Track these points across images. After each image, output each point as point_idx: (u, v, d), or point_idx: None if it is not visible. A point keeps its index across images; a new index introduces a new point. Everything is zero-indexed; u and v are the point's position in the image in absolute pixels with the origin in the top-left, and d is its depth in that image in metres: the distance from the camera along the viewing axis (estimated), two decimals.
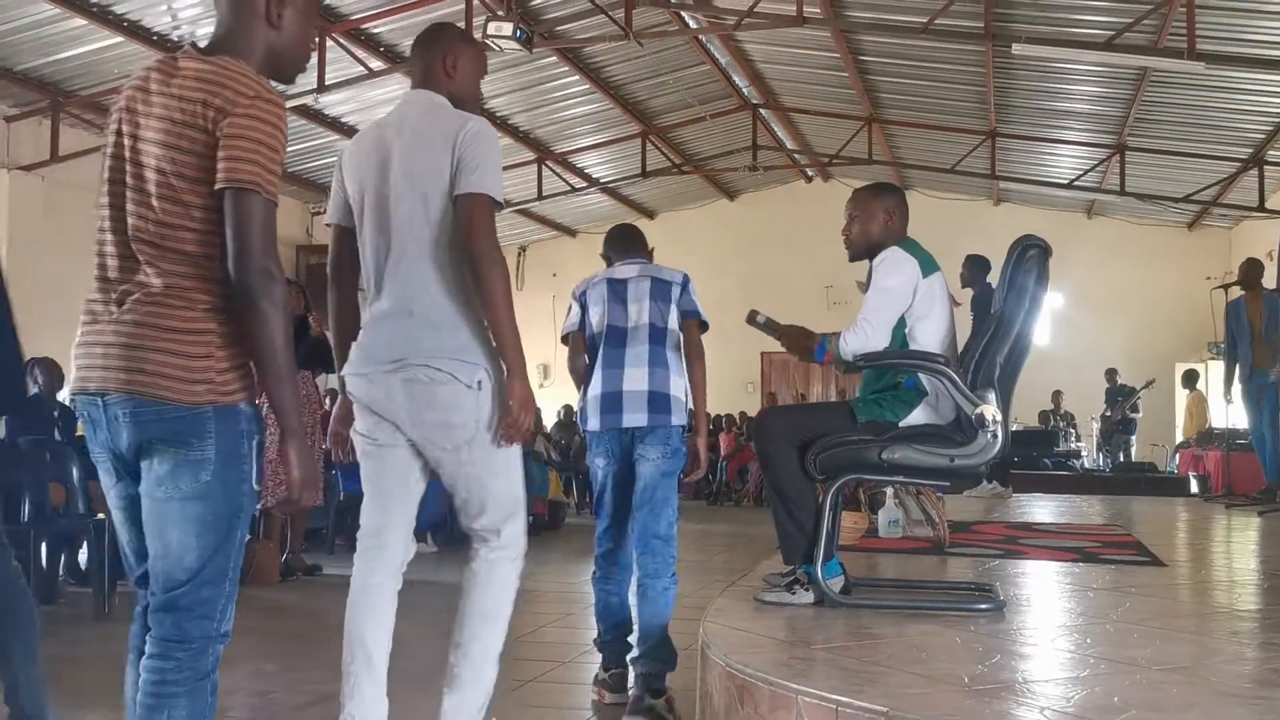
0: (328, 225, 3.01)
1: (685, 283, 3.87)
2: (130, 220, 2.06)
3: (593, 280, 3.93)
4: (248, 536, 2.18)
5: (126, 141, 2.10)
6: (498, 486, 2.83)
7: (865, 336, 3.36)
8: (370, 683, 2.79)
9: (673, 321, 3.79)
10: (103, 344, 2.04)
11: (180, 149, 2.02)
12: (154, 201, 2.03)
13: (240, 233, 1.98)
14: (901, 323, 3.41)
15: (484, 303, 2.71)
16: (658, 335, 3.76)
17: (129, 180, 2.08)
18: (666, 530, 3.76)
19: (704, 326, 3.90)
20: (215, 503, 2.04)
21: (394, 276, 2.76)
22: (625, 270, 3.89)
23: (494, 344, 2.75)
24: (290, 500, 2.12)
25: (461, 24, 10.04)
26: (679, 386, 3.76)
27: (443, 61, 2.93)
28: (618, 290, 3.83)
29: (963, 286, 7.54)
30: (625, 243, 4.04)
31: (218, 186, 1.99)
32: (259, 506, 7.27)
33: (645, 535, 3.76)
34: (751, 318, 3.60)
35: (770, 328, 3.58)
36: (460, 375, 2.71)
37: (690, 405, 3.80)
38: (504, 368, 2.75)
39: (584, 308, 3.90)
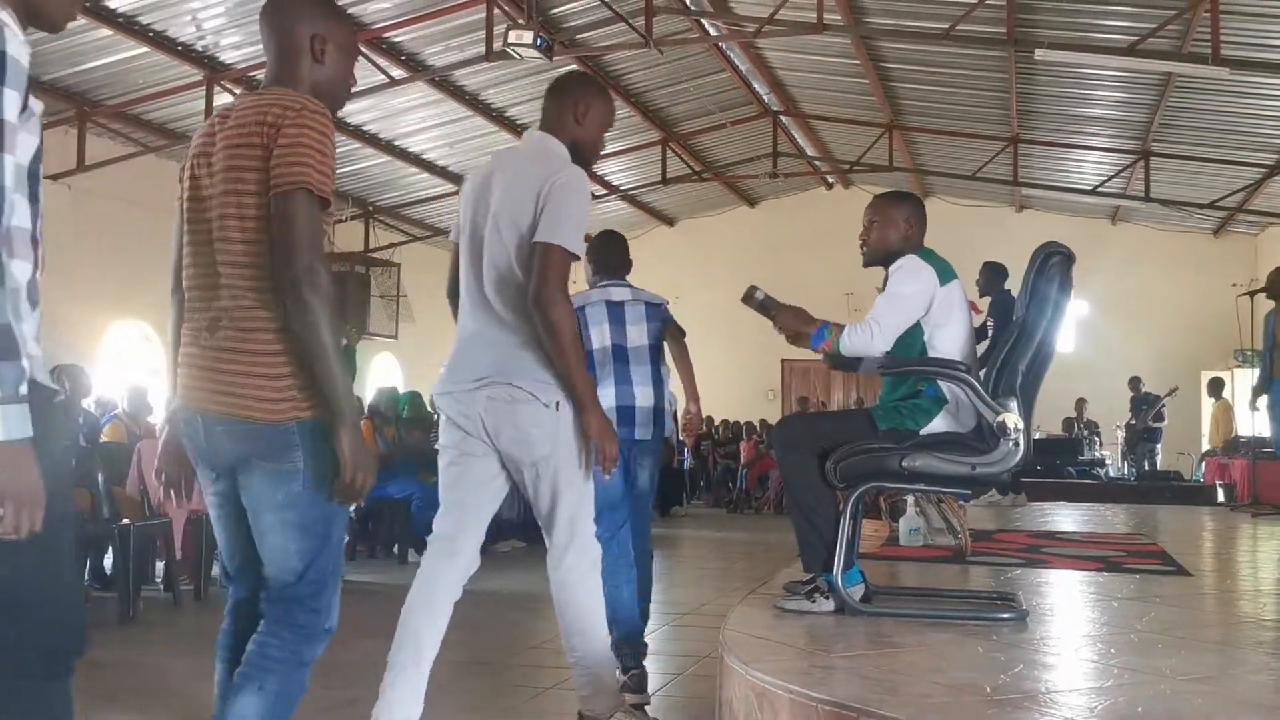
0: (452, 242, 3.20)
1: (667, 306, 4.27)
2: (214, 247, 2.21)
3: (589, 298, 4.11)
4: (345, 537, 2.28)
5: (203, 179, 2.26)
6: (570, 499, 3.02)
7: (869, 338, 3.35)
8: (415, 676, 2.93)
9: (657, 340, 4.18)
10: (198, 367, 2.22)
11: (244, 168, 2.16)
12: (230, 224, 2.18)
13: (286, 230, 2.10)
14: (920, 330, 3.40)
15: (552, 350, 2.87)
16: (654, 355, 4.13)
17: (207, 211, 2.23)
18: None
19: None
20: (309, 510, 2.19)
21: (481, 304, 2.97)
22: (619, 293, 4.15)
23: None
24: (344, 485, 2.16)
25: (482, 32, 10.11)
26: (667, 401, 4.20)
27: (575, 108, 3.09)
28: (616, 313, 4.11)
29: (980, 295, 7.50)
30: (611, 262, 4.26)
31: (272, 191, 2.12)
32: None
33: (638, 536, 4.04)
34: (749, 295, 3.56)
35: (767, 305, 3.54)
36: (539, 394, 2.91)
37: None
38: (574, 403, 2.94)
39: (583, 325, 4.02)
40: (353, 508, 2.38)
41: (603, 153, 3.49)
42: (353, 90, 2.44)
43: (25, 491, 1.63)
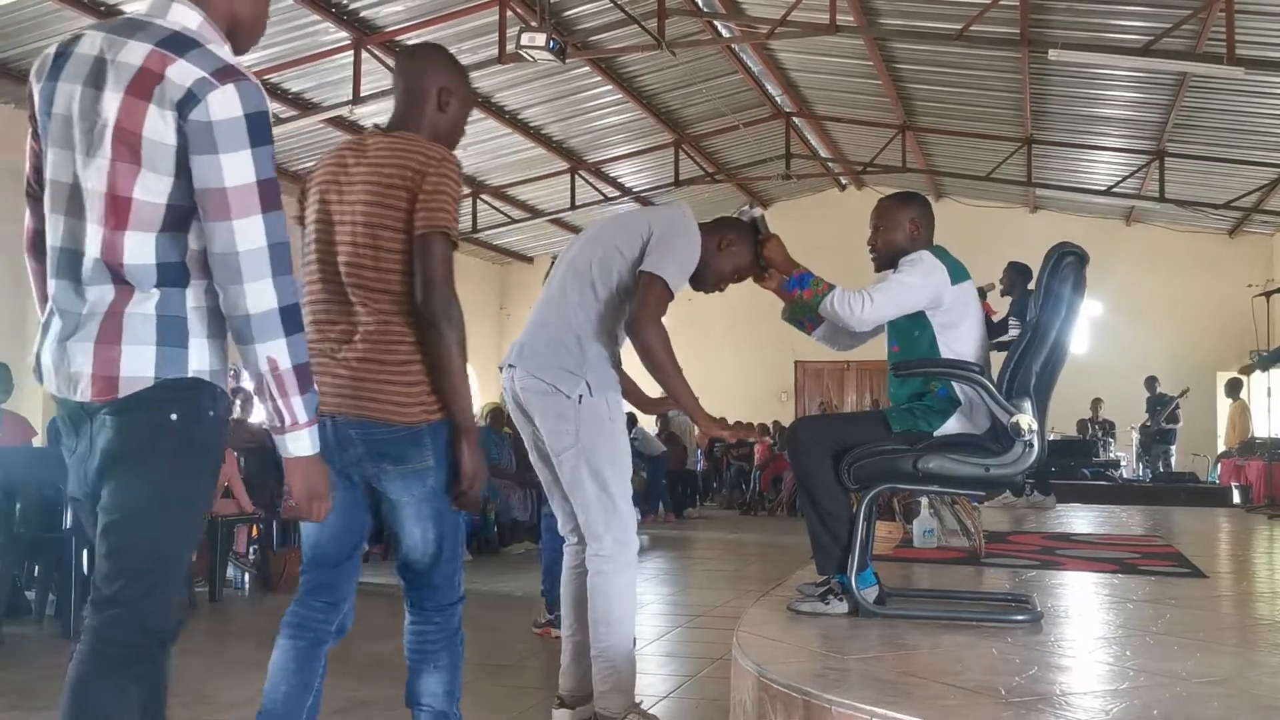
0: None
1: None
2: (342, 270, 2.44)
3: None
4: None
5: (333, 207, 2.48)
6: (595, 491, 3.15)
7: (859, 308, 3.35)
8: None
9: None
10: (332, 376, 2.44)
11: (387, 205, 2.40)
12: (364, 251, 2.42)
13: (428, 268, 2.37)
14: (927, 329, 3.39)
15: (650, 370, 3.19)
16: None
17: (338, 237, 2.45)
18: None
19: None
20: (442, 503, 2.46)
21: (550, 299, 3.30)
22: None
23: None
24: (463, 493, 2.44)
25: (495, 35, 10.13)
26: None
27: None
28: None
29: (1002, 294, 7.47)
30: None
31: (418, 232, 2.37)
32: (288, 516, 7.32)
33: None
34: (749, 207, 3.58)
35: (759, 226, 3.52)
36: (561, 386, 3.12)
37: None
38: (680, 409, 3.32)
39: None
40: None
41: (616, 155, 3.63)
42: (463, 135, 2.72)
43: (321, 491, 2.03)
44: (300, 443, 1.97)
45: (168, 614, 1.93)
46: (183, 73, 1.81)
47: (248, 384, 10.13)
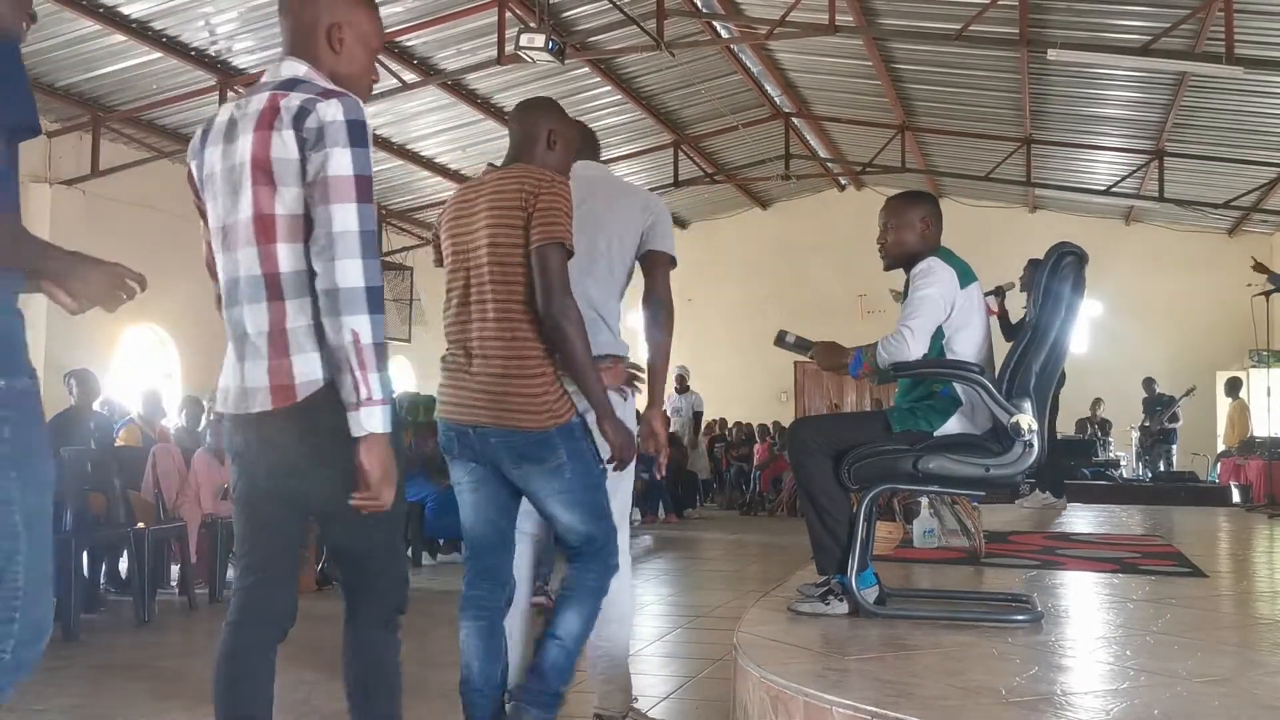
0: None
1: None
2: (473, 290, 2.76)
3: None
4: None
5: (461, 237, 2.82)
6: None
7: (906, 345, 3.33)
8: None
9: None
10: (469, 389, 2.77)
11: (510, 225, 2.71)
12: (493, 269, 2.72)
13: (546, 275, 2.68)
14: (940, 333, 3.39)
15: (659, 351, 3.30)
16: None
17: (470, 262, 2.78)
18: None
19: None
20: (580, 491, 2.80)
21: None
22: None
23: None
24: (614, 460, 2.84)
25: (494, 36, 10.13)
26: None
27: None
28: None
29: (1021, 290, 7.46)
30: None
31: (535, 245, 2.67)
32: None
33: None
34: (780, 338, 3.60)
35: (800, 346, 3.57)
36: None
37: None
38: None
39: None
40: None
41: (615, 155, 3.63)
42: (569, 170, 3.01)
43: (392, 472, 2.11)
44: (374, 419, 2.07)
45: (403, 588, 2.35)
46: (294, 99, 2.13)
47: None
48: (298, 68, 2.23)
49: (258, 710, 2.25)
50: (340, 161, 2.07)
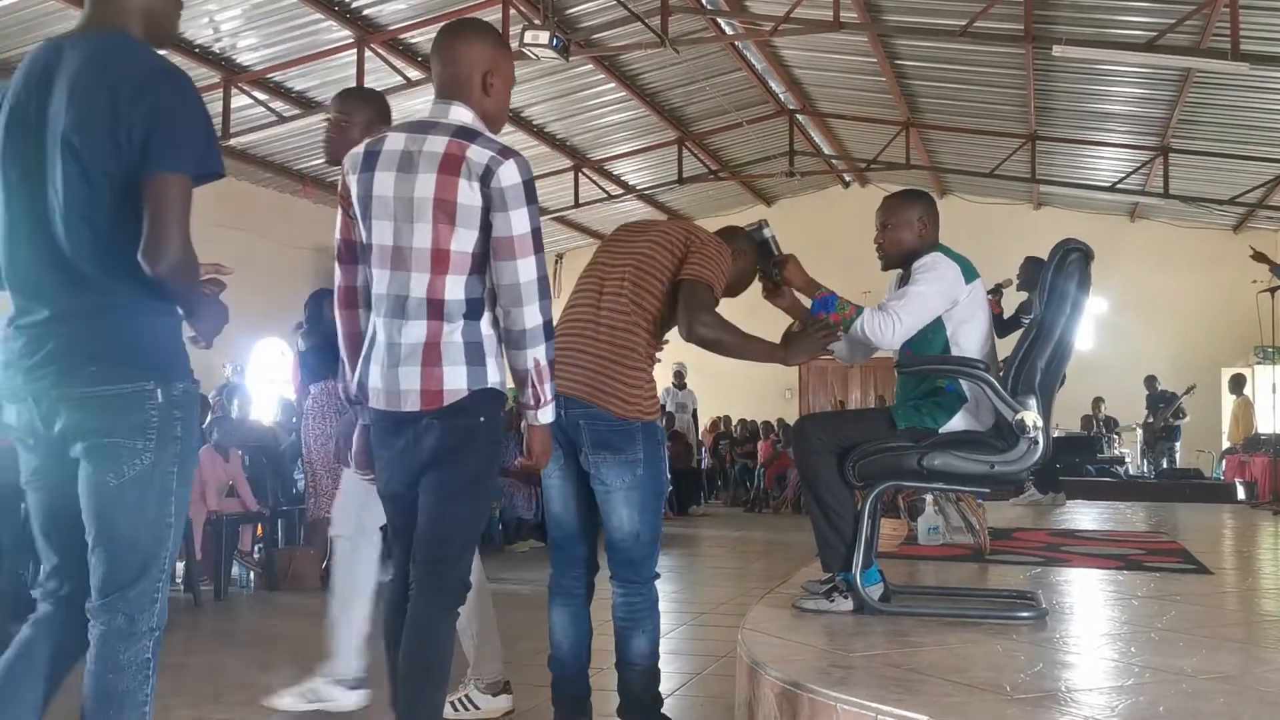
0: None
1: None
2: (606, 300, 3.04)
3: None
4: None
5: (606, 266, 3.12)
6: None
7: (890, 330, 3.32)
8: None
9: None
10: (577, 366, 2.95)
11: (658, 261, 3.05)
12: (632, 289, 3.03)
13: (691, 304, 2.98)
14: (942, 328, 3.39)
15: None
16: None
17: (610, 282, 3.06)
18: None
19: None
20: (646, 492, 2.96)
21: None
22: None
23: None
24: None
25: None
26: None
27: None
28: None
29: (1017, 289, 7.46)
30: None
31: (683, 278, 3.01)
32: (310, 516, 7.34)
33: None
34: (757, 227, 3.45)
35: (768, 249, 3.44)
36: None
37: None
38: None
39: None
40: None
41: (619, 153, 3.69)
42: None
43: (550, 449, 2.66)
44: (545, 415, 2.57)
45: (469, 570, 2.58)
46: (479, 154, 2.45)
47: (250, 384, 10.14)
48: (464, 114, 2.57)
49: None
50: (521, 221, 2.45)
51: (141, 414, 2.06)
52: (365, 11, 10.12)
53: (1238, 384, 13.90)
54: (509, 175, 2.44)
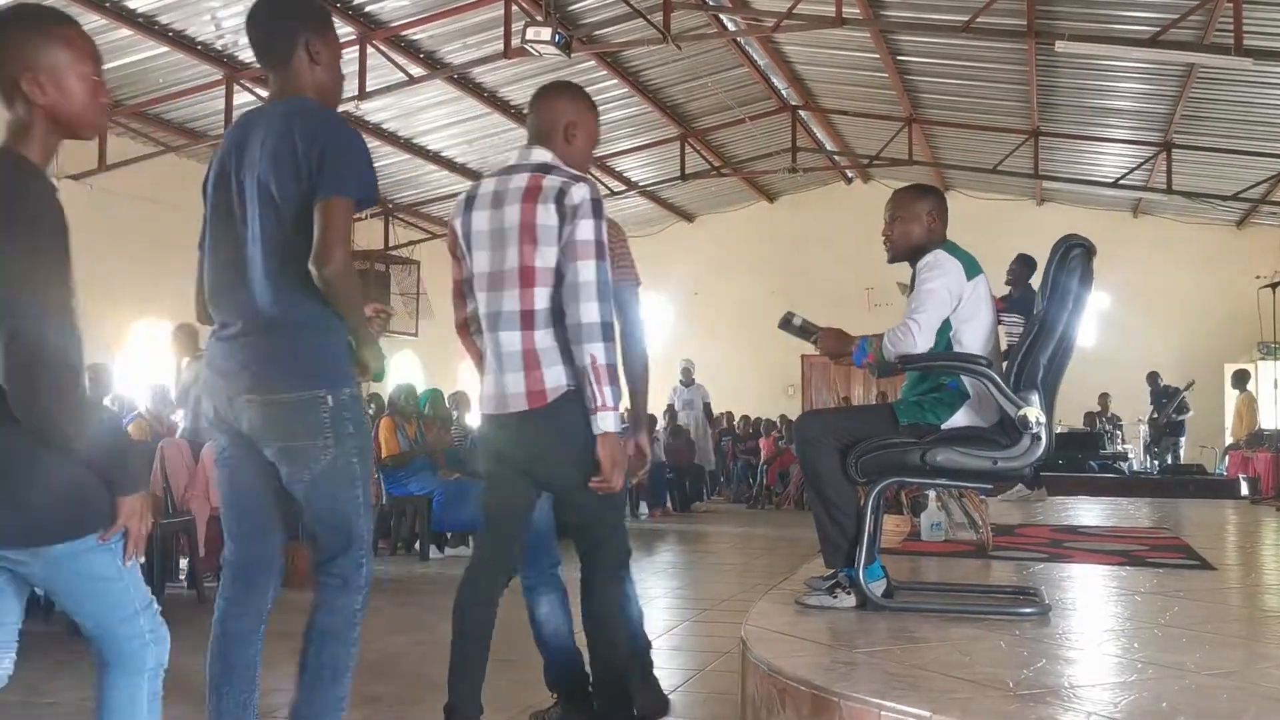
0: None
1: None
2: None
3: None
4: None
5: None
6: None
7: (912, 338, 3.32)
8: None
9: None
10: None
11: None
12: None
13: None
14: (947, 325, 3.38)
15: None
16: None
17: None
18: None
19: None
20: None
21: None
22: None
23: None
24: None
25: (500, 29, 10.13)
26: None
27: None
28: None
29: (1005, 283, 7.46)
30: None
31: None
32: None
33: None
34: (786, 320, 3.59)
35: (806, 330, 3.57)
36: None
37: None
38: None
39: None
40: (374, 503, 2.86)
41: (621, 149, 3.68)
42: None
43: (621, 462, 2.79)
44: (607, 421, 2.74)
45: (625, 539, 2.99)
46: (552, 181, 2.82)
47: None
48: (545, 155, 2.94)
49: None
50: (586, 230, 2.76)
51: (316, 416, 2.48)
52: (368, 8, 10.12)
53: (1241, 379, 13.89)
54: (579, 194, 2.80)
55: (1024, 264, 7.69)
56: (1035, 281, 7.59)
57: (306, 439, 2.49)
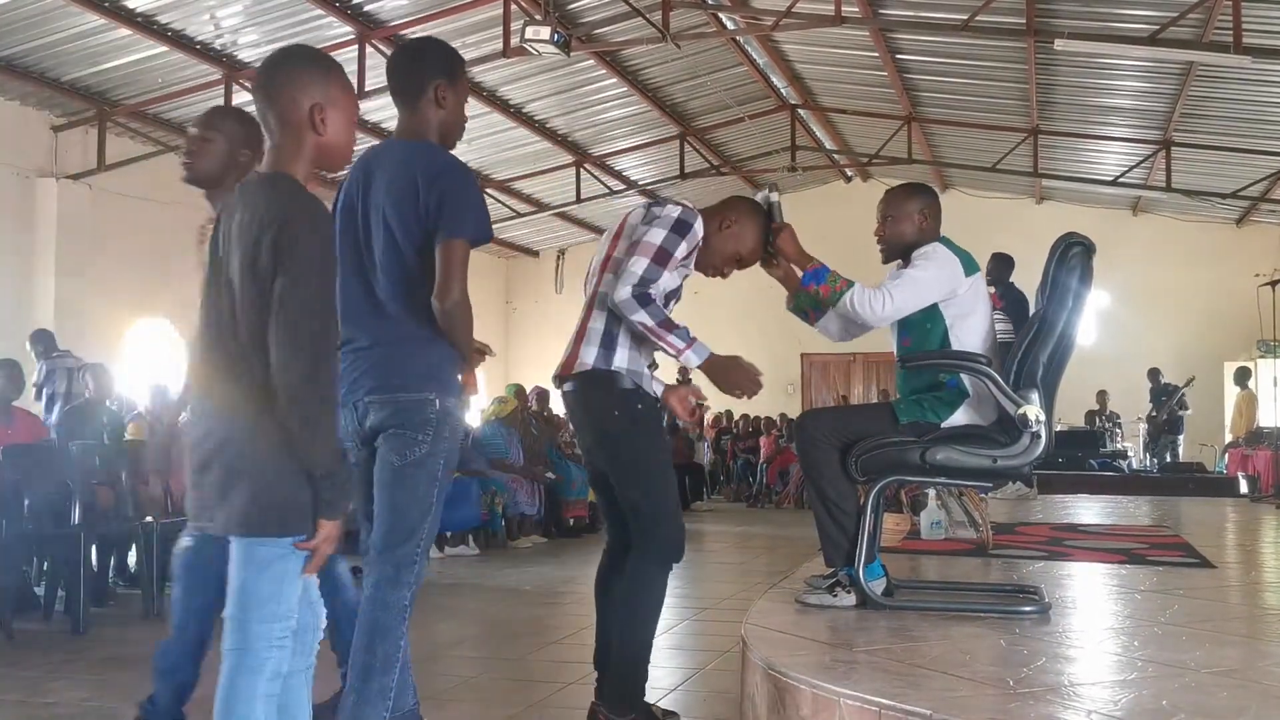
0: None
1: None
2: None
3: None
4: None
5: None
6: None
7: (880, 305, 3.31)
8: None
9: None
10: None
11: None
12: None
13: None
14: (940, 321, 3.38)
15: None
16: None
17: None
18: None
19: None
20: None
21: None
22: None
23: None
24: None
25: (499, 28, 10.12)
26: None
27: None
28: None
29: (989, 284, 7.47)
30: None
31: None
32: None
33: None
34: (768, 190, 3.47)
35: (775, 211, 3.44)
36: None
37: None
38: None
39: None
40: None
41: (621, 148, 3.76)
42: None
43: (731, 365, 3.23)
44: (690, 358, 3.07)
45: (677, 530, 3.14)
46: (639, 207, 3.30)
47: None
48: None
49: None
50: (652, 234, 3.09)
51: (423, 415, 2.72)
52: (366, 8, 10.11)
53: (1242, 376, 13.88)
54: (664, 211, 3.17)
55: (1001, 263, 7.68)
56: (1015, 279, 7.65)
57: (411, 431, 2.72)
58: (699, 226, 3.15)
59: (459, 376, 2.82)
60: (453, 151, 2.93)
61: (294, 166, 2.18)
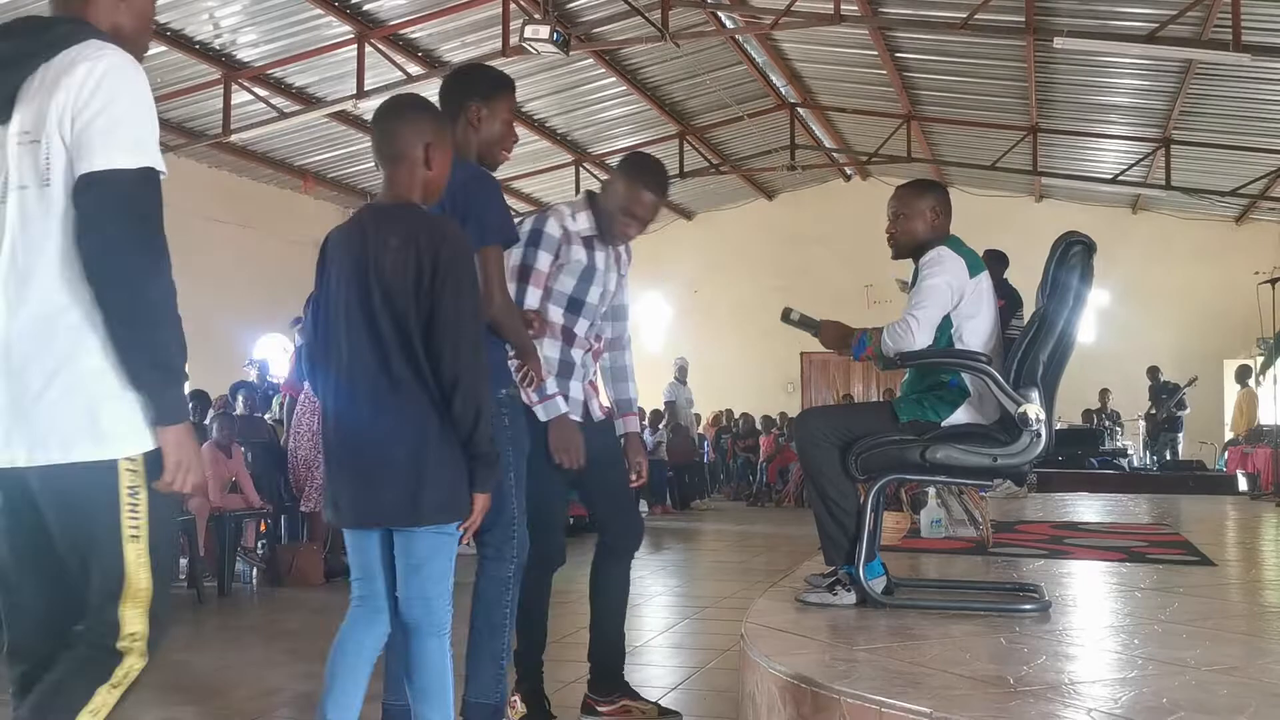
0: None
1: None
2: None
3: None
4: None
5: None
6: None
7: (911, 334, 3.32)
8: None
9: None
10: None
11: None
12: None
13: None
14: (949, 322, 3.38)
15: None
16: None
17: None
18: None
19: None
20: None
21: None
22: None
23: None
24: None
25: (498, 28, 10.12)
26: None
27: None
28: None
29: None
30: None
31: None
32: (304, 509, 7.35)
33: None
34: (786, 315, 3.60)
35: (806, 324, 3.57)
36: None
37: None
38: None
39: None
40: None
41: (620, 147, 3.80)
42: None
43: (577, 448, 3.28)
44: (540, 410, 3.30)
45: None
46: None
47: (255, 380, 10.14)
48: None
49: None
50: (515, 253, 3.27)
51: None
52: (365, 7, 10.11)
53: (1243, 374, 13.87)
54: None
55: (995, 260, 7.67)
56: (1013, 278, 7.63)
57: None
58: (542, 224, 3.38)
59: (512, 368, 3.00)
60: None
61: (411, 197, 2.52)
